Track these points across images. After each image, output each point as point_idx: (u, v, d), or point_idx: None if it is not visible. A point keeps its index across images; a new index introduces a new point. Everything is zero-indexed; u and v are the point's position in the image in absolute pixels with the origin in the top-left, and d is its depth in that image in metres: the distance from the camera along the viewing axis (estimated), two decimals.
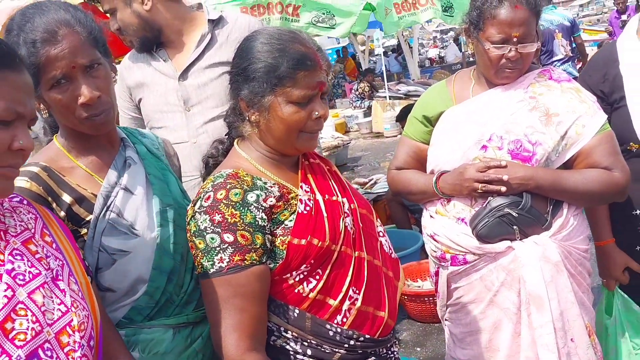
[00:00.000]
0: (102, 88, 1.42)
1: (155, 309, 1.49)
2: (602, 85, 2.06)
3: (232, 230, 1.29)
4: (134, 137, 1.62)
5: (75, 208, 1.43)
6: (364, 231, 1.48)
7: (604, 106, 2.04)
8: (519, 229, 1.84)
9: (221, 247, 1.29)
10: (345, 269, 1.40)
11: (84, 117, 1.41)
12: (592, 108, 1.91)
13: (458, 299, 2.02)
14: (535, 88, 1.93)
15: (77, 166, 1.48)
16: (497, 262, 1.88)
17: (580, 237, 1.94)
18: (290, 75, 1.34)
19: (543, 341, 1.83)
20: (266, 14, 3.43)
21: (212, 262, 1.29)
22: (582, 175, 1.87)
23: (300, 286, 1.36)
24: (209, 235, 1.30)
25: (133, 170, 1.52)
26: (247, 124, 1.43)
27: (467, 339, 2.03)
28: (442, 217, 2.00)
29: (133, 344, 1.45)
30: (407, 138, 2.17)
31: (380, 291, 1.46)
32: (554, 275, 1.84)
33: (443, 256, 1.99)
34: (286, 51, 1.36)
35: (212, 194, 1.32)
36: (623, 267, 2.16)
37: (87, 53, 1.39)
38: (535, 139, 1.87)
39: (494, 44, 1.85)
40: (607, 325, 2.24)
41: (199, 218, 1.32)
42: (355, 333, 1.38)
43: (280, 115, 1.36)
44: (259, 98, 1.37)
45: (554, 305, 1.83)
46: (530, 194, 1.84)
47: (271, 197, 1.36)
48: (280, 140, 1.41)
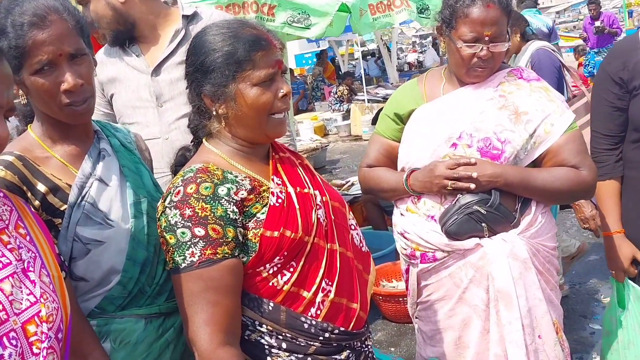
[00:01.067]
0: (85, 77, 1.43)
1: (128, 299, 1.50)
2: (621, 73, 2.03)
3: (203, 224, 1.28)
4: (107, 130, 1.64)
5: (50, 198, 1.44)
6: (336, 223, 1.49)
7: (622, 93, 2.03)
8: (487, 226, 1.86)
9: (192, 242, 1.28)
10: (319, 260, 1.40)
11: (66, 103, 1.41)
12: (561, 107, 1.93)
13: (428, 297, 2.03)
14: (505, 87, 1.95)
15: (52, 156, 1.48)
16: (466, 259, 1.89)
17: (548, 234, 1.96)
18: (248, 58, 1.34)
19: (511, 338, 1.84)
20: (241, 13, 3.42)
21: (184, 257, 1.29)
22: (550, 173, 1.89)
23: (274, 279, 1.36)
24: (179, 229, 1.29)
25: (107, 162, 1.53)
26: (215, 120, 1.43)
27: (437, 337, 2.03)
28: (413, 214, 2.00)
29: (105, 334, 1.45)
30: (379, 136, 2.17)
31: (352, 283, 1.46)
32: (522, 272, 1.86)
33: (413, 254, 2.00)
34: (239, 36, 1.36)
35: (182, 188, 1.31)
36: (630, 258, 2.14)
37: (73, 41, 1.40)
38: (505, 137, 1.88)
39: (466, 42, 1.86)
40: (621, 319, 2.21)
41: (169, 213, 1.31)
42: (329, 325, 1.39)
43: (247, 100, 1.36)
44: (222, 89, 1.36)
45: (522, 302, 1.84)
46: (499, 191, 1.86)
47: (242, 190, 1.35)
48: (251, 127, 1.40)
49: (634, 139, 2.06)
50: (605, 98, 2.09)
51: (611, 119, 2.09)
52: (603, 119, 2.12)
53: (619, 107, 2.06)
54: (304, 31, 3.55)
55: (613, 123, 2.09)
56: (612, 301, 2.29)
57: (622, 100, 2.05)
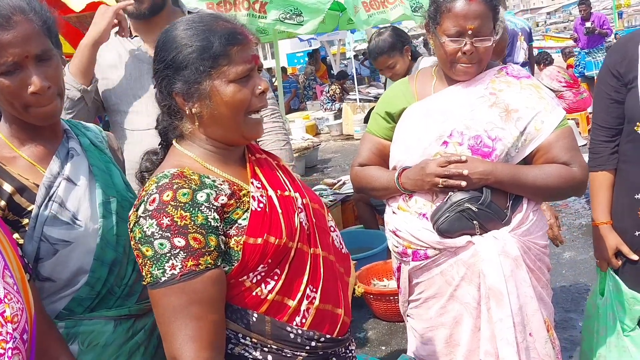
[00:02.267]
0: (52, 79, 1.41)
1: (96, 301, 1.48)
2: (619, 65, 2.06)
3: (183, 234, 1.19)
4: (77, 129, 1.62)
5: (17, 198, 1.41)
6: (317, 226, 1.43)
7: (619, 86, 2.05)
8: (479, 223, 1.86)
9: (172, 253, 1.18)
10: (303, 266, 1.34)
11: (31, 106, 1.39)
12: (551, 104, 1.93)
13: (419, 294, 2.03)
14: (495, 84, 1.95)
15: (19, 156, 1.46)
16: (457, 257, 1.89)
17: (539, 232, 1.96)
18: (224, 53, 1.27)
19: (502, 335, 1.84)
20: (232, 10, 3.41)
21: (163, 270, 1.19)
22: (541, 170, 1.89)
23: (257, 288, 1.29)
24: (157, 241, 1.19)
25: (76, 161, 1.51)
26: (187, 121, 1.34)
27: (428, 334, 2.03)
28: (404, 212, 2.00)
29: (73, 336, 1.43)
30: (370, 135, 2.17)
31: (336, 288, 1.42)
32: (513, 269, 1.86)
33: (405, 251, 1.99)
34: (213, 30, 1.29)
35: (157, 196, 1.21)
36: (615, 249, 2.17)
37: (40, 42, 1.37)
38: (495, 134, 1.88)
39: (449, 37, 1.86)
40: (599, 305, 2.27)
41: (144, 223, 1.20)
42: (316, 334, 1.33)
43: (223, 98, 1.28)
44: (195, 87, 1.28)
45: (513, 300, 1.84)
46: (490, 189, 1.86)
47: (222, 196, 1.27)
48: (227, 127, 1.32)
49: (627, 132, 2.09)
50: (604, 90, 2.12)
51: (608, 111, 2.12)
52: (601, 111, 2.15)
53: (616, 100, 2.09)
54: (296, 28, 3.54)
55: (610, 115, 2.12)
56: (594, 288, 2.35)
57: (619, 93, 2.07)
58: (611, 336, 2.22)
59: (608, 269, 2.24)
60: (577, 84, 8.79)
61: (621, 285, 2.18)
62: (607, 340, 2.22)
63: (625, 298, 2.17)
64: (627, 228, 2.14)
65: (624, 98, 2.06)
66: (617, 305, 2.20)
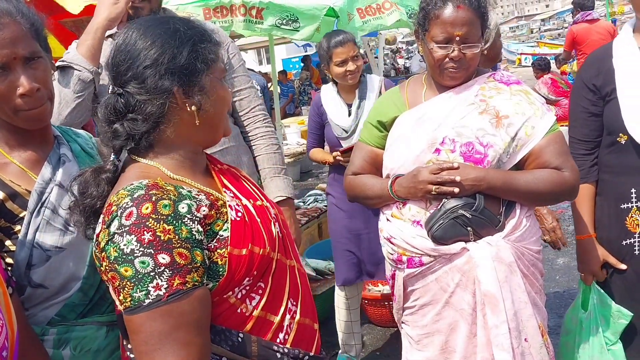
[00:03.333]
0: (41, 80, 1.41)
1: (89, 307, 1.48)
2: (595, 79, 2.10)
3: (168, 249, 1.08)
4: (67, 135, 1.62)
5: (9, 204, 1.41)
6: (288, 237, 1.39)
7: (596, 99, 2.09)
8: (473, 230, 1.86)
9: (156, 272, 1.07)
10: (283, 278, 1.29)
11: (21, 108, 1.38)
12: (541, 110, 1.95)
13: (414, 301, 2.03)
14: (485, 91, 1.97)
15: (10, 162, 1.45)
16: (452, 264, 1.90)
17: (532, 238, 1.97)
18: (216, 51, 1.28)
19: (498, 341, 1.84)
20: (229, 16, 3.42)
21: (147, 292, 1.06)
22: (532, 175, 1.90)
23: (242, 305, 1.21)
24: (138, 259, 1.07)
25: (67, 167, 1.51)
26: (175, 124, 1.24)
27: (424, 341, 2.03)
28: (398, 220, 2.01)
29: (65, 342, 1.43)
30: (363, 143, 2.18)
31: (311, 301, 1.38)
32: (508, 275, 1.86)
33: (399, 259, 2.00)
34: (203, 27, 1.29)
35: (134, 209, 1.10)
36: (601, 262, 2.19)
37: (28, 44, 1.38)
38: (487, 141, 1.90)
39: (437, 43, 1.88)
40: (581, 320, 2.27)
41: (120, 241, 1.08)
42: (300, 352, 1.27)
43: (220, 94, 1.28)
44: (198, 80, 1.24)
45: (508, 305, 1.84)
46: (483, 195, 1.86)
47: (203, 207, 1.18)
48: (216, 126, 1.31)
49: (608, 144, 2.12)
50: (580, 105, 2.15)
51: (586, 124, 2.15)
52: (579, 125, 2.18)
53: (594, 113, 2.12)
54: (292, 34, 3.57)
55: (588, 128, 2.15)
56: (576, 302, 2.35)
57: (596, 106, 2.11)
58: (594, 350, 2.22)
59: (593, 283, 2.24)
60: None
61: (607, 298, 2.20)
62: (590, 355, 2.23)
63: (610, 311, 2.18)
64: (614, 238, 2.16)
65: (602, 111, 2.10)
66: (601, 319, 2.21)
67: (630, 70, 2.02)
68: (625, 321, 2.15)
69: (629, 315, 2.15)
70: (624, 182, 2.09)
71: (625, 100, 2.01)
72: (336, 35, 3.17)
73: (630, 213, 2.09)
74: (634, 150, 2.03)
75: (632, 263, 2.14)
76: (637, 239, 2.11)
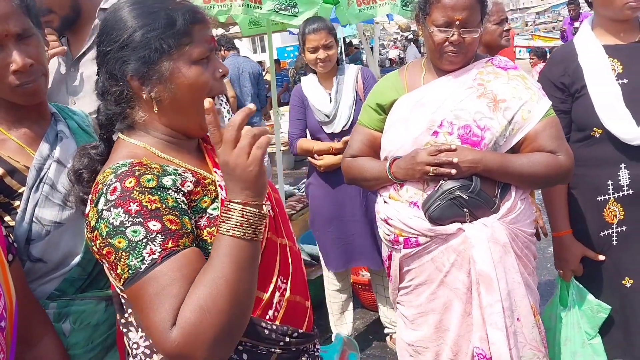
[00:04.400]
0: (34, 56, 1.42)
1: (88, 281, 1.50)
2: (562, 78, 2.16)
3: (157, 217, 1.08)
4: (64, 112, 1.63)
5: (7, 180, 1.43)
6: (281, 216, 1.39)
7: (565, 97, 2.15)
8: (469, 211, 1.90)
9: (148, 238, 1.06)
10: (274, 257, 1.29)
11: (16, 84, 1.40)
12: (537, 94, 1.98)
13: (410, 281, 2.07)
14: (483, 75, 2.00)
15: (8, 138, 1.47)
16: (448, 244, 1.94)
17: (527, 220, 2.01)
18: (187, 31, 1.18)
19: (492, 320, 1.89)
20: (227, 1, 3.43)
21: (142, 258, 1.05)
22: (528, 158, 1.94)
23: None
24: (129, 229, 1.06)
25: (65, 144, 1.52)
26: (141, 108, 1.23)
27: (418, 320, 2.07)
28: (396, 201, 2.04)
29: (64, 316, 1.45)
30: (362, 126, 2.21)
31: (303, 279, 1.38)
32: (502, 255, 1.90)
33: (396, 239, 2.03)
34: (173, 7, 1.19)
35: (117, 184, 1.10)
36: (580, 257, 2.23)
37: (19, 21, 1.39)
38: (484, 124, 1.93)
39: (438, 27, 1.92)
40: (561, 316, 2.31)
41: (108, 215, 1.07)
42: (289, 329, 1.28)
43: (186, 80, 1.18)
44: (155, 68, 1.17)
45: (502, 285, 1.89)
46: (479, 177, 1.90)
47: (188, 182, 1.17)
48: (188, 113, 1.22)
49: (579, 139, 2.17)
50: None
51: None
52: None
53: (563, 110, 2.17)
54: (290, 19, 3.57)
55: None
56: (554, 299, 2.38)
57: (565, 103, 2.17)
58: (576, 345, 2.26)
59: (571, 279, 2.29)
60: None
61: (586, 293, 2.24)
62: (572, 351, 2.27)
63: (589, 306, 2.23)
64: (592, 230, 2.21)
65: (570, 108, 2.16)
66: (580, 314, 2.26)
67: (597, 66, 2.09)
68: (605, 314, 2.21)
69: (608, 309, 2.20)
70: (599, 174, 2.14)
71: (597, 97, 2.08)
72: (312, 22, 3.17)
73: (608, 204, 2.16)
74: (609, 143, 2.09)
75: (610, 254, 2.20)
76: (614, 229, 2.17)
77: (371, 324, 3.88)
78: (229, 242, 1.08)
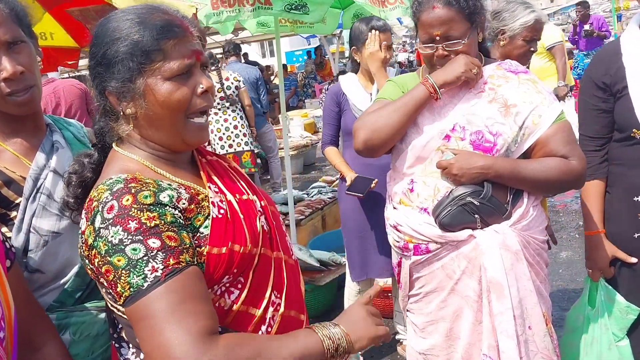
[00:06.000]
0: (26, 65, 1.41)
1: (87, 292, 1.49)
2: (604, 77, 2.11)
3: (156, 234, 1.06)
4: (59, 123, 1.63)
5: (4, 191, 1.42)
6: (278, 229, 1.37)
7: (606, 96, 2.11)
8: (480, 217, 1.88)
9: (149, 255, 1.05)
10: (267, 272, 1.26)
11: (7, 92, 1.39)
12: (548, 99, 1.96)
13: (420, 289, 2.05)
14: (493, 80, 1.98)
15: (4, 149, 1.47)
16: (458, 251, 1.91)
17: (538, 227, 1.98)
18: (157, 47, 1.15)
19: (503, 328, 1.86)
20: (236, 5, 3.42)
21: (144, 276, 1.04)
22: (540, 163, 1.91)
23: (220, 299, 1.18)
24: (129, 247, 1.05)
25: (61, 154, 1.52)
26: (123, 122, 1.22)
27: (428, 328, 2.05)
28: (406, 207, 2.02)
29: (64, 327, 1.44)
30: (382, 99, 2.10)
31: (299, 292, 1.37)
32: (514, 263, 1.88)
33: (406, 246, 2.01)
34: (146, 22, 1.17)
35: (114, 202, 1.08)
36: (609, 258, 2.20)
37: (9, 29, 1.38)
38: (496, 129, 1.91)
39: (423, 43, 1.94)
40: (589, 317, 2.27)
41: (107, 233, 1.06)
42: None
43: (158, 97, 1.16)
44: (128, 85, 1.16)
45: (513, 293, 1.86)
46: (491, 183, 1.88)
47: (183, 199, 1.16)
48: (166, 130, 1.20)
49: (619, 139, 2.13)
50: (590, 102, 2.17)
51: (597, 121, 2.16)
52: (589, 122, 2.19)
53: (604, 110, 2.13)
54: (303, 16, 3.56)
55: (599, 125, 2.16)
56: (582, 300, 2.35)
57: (607, 103, 2.12)
58: (603, 347, 2.22)
59: (600, 279, 2.25)
60: (576, 86, 8.84)
61: (615, 294, 2.20)
62: (599, 352, 2.23)
63: (618, 307, 2.19)
64: (625, 231, 2.16)
65: (612, 108, 2.11)
66: (608, 315, 2.22)
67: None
68: (634, 316, 2.16)
69: (637, 310, 2.15)
70: (637, 174, 2.10)
71: (637, 96, 2.02)
72: (377, 20, 3.15)
73: None
74: None
75: None
76: None
77: None
78: (311, 342, 1.13)
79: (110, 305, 1.22)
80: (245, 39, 9.38)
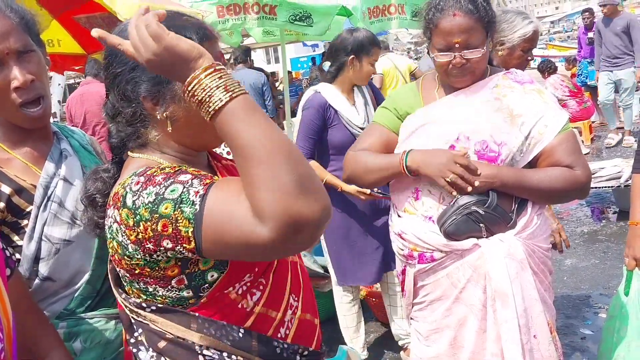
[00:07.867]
0: (35, 73, 1.42)
1: (97, 299, 1.50)
2: None
3: (183, 172, 1.09)
4: (65, 132, 1.64)
5: (15, 199, 1.42)
6: None
7: None
8: (485, 226, 1.88)
9: (186, 187, 1.05)
10: (285, 274, 1.27)
11: (19, 103, 1.40)
12: (554, 108, 1.96)
13: (424, 297, 2.05)
14: (499, 89, 1.98)
15: (14, 157, 1.47)
16: (463, 259, 1.92)
17: (543, 236, 1.99)
18: None
19: (508, 336, 1.86)
20: (242, 13, 3.45)
21: (192, 202, 1.04)
22: (545, 173, 1.92)
23: (243, 300, 1.18)
24: (166, 192, 1.05)
25: (70, 162, 1.53)
26: (155, 127, 1.22)
27: (433, 337, 2.05)
28: (411, 215, 2.02)
29: (74, 335, 1.44)
30: (378, 125, 2.14)
31: (313, 296, 1.37)
32: (519, 272, 1.88)
33: (411, 254, 2.02)
34: (184, 25, 1.16)
35: (140, 178, 1.10)
36: None
37: (19, 38, 1.39)
38: (501, 139, 1.91)
39: (439, 51, 1.91)
40: (622, 305, 2.29)
41: (143, 200, 1.06)
42: (300, 347, 1.26)
43: None
44: (168, 87, 1.16)
45: (518, 301, 1.86)
46: (496, 192, 1.88)
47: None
48: (202, 130, 1.19)
49: None
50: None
51: None
52: None
53: None
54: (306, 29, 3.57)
55: None
56: (620, 289, 2.37)
57: None
58: (632, 336, 2.22)
59: (635, 269, 2.26)
60: (580, 93, 8.84)
61: None
62: (627, 340, 2.23)
63: None
64: None
65: None
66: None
67: None
68: None
69: None
70: None
71: None
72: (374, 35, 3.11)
73: None
74: None
75: None
76: None
77: (385, 337, 3.84)
78: (233, 108, 1.02)
79: (129, 310, 1.21)
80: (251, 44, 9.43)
